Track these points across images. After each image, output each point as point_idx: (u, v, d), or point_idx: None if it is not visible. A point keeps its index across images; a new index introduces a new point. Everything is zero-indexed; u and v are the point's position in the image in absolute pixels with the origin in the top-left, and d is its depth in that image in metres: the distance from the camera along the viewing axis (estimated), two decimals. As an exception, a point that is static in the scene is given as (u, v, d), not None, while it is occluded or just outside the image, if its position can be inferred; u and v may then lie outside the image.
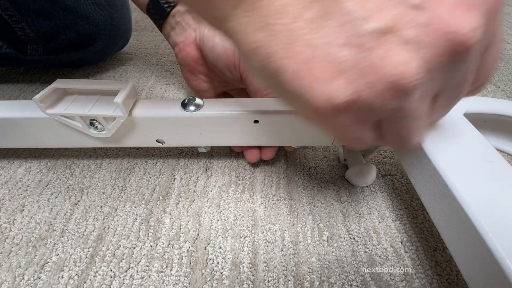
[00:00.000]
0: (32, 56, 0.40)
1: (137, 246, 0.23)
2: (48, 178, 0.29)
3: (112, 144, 0.26)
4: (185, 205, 0.26)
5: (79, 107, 0.23)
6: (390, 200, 0.27)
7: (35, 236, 0.24)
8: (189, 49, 0.31)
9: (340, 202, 0.27)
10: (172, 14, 0.31)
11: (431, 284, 0.21)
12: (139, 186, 0.28)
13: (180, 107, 0.24)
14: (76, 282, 0.21)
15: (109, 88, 0.22)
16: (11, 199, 0.27)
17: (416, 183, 0.22)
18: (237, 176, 0.29)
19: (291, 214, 0.26)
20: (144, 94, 0.40)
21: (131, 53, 0.52)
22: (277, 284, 0.21)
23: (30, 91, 0.41)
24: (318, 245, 0.23)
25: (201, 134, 0.25)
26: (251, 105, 0.24)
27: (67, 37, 0.38)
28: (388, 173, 0.29)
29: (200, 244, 0.23)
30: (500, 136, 0.26)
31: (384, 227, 0.25)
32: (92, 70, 0.47)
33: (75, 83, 0.23)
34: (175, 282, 0.21)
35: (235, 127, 0.24)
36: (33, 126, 0.25)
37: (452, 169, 0.18)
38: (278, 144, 0.26)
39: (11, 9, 0.35)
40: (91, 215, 0.25)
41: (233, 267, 0.22)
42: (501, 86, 0.43)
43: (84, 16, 0.37)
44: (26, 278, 0.21)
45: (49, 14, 0.36)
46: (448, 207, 0.18)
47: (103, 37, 0.40)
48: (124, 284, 0.21)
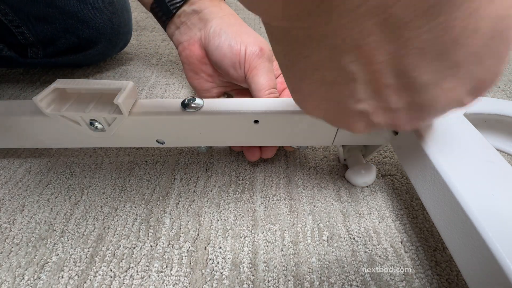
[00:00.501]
0: (32, 59, 0.40)
1: (137, 246, 0.23)
2: (48, 178, 0.29)
3: (112, 144, 0.26)
4: (185, 205, 0.26)
5: (79, 107, 0.23)
6: (390, 200, 0.27)
7: (35, 236, 0.24)
8: (193, 48, 0.31)
9: (340, 202, 0.27)
10: (178, 14, 0.31)
11: (431, 284, 0.21)
12: (139, 186, 0.28)
13: (180, 107, 0.24)
14: (76, 282, 0.21)
15: (109, 88, 0.22)
16: (11, 199, 0.27)
17: (416, 183, 0.22)
18: (237, 176, 0.29)
19: (291, 214, 0.26)
20: (144, 94, 0.40)
21: (131, 53, 0.52)
22: (277, 284, 0.21)
23: (30, 91, 0.41)
24: (318, 245, 0.23)
25: (201, 134, 0.25)
26: (251, 105, 0.24)
27: (67, 41, 0.39)
28: (388, 173, 0.29)
29: (200, 244, 0.23)
30: (500, 136, 0.26)
31: (384, 227, 0.25)
32: (92, 70, 0.46)
33: (75, 83, 0.23)
34: (175, 282, 0.21)
35: (235, 127, 0.24)
36: (33, 126, 0.25)
37: (452, 169, 0.18)
38: (278, 144, 0.26)
39: (11, 14, 0.35)
40: (91, 215, 0.25)
41: (233, 267, 0.22)
42: (501, 86, 0.43)
43: (84, 21, 0.38)
44: (26, 278, 0.21)
45: (49, 19, 0.36)
46: (448, 207, 0.18)
47: (103, 40, 0.40)
48: (124, 284, 0.21)
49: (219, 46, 0.29)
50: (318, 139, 0.26)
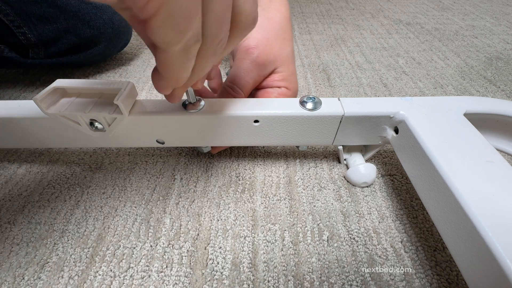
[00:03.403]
0: (34, 60, 0.40)
1: (137, 246, 0.23)
2: (48, 178, 0.29)
3: (112, 144, 0.26)
4: (185, 205, 0.26)
5: (79, 107, 0.23)
6: (390, 200, 0.27)
7: (35, 236, 0.24)
8: None
9: (340, 202, 0.27)
10: None
11: (431, 284, 0.21)
12: (139, 186, 0.28)
13: (180, 107, 0.24)
14: (76, 282, 0.21)
15: (109, 88, 0.22)
16: (11, 199, 0.27)
17: (416, 183, 0.22)
18: (237, 176, 0.29)
19: (291, 214, 0.26)
20: (144, 94, 0.40)
21: (131, 53, 0.52)
22: (277, 284, 0.21)
23: (30, 91, 0.41)
24: (318, 245, 0.23)
25: (201, 134, 0.25)
26: (251, 105, 0.24)
27: (69, 41, 0.39)
28: (388, 173, 0.29)
29: (200, 244, 0.23)
30: (500, 136, 0.26)
31: (384, 227, 0.25)
32: (92, 70, 0.46)
33: (75, 83, 0.23)
34: (175, 282, 0.21)
35: (235, 127, 0.24)
36: (33, 126, 0.25)
37: (452, 169, 0.18)
38: (278, 144, 0.26)
39: (12, 14, 0.35)
40: (91, 215, 0.25)
41: (233, 267, 0.22)
42: (501, 86, 0.43)
43: (85, 21, 0.38)
44: (26, 278, 0.21)
45: (50, 19, 0.37)
46: (448, 207, 0.18)
47: (104, 40, 0.40)
48: (124, 284, 0.21)
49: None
50: (318, 139, 0.26)
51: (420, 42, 0.56)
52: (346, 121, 0.24)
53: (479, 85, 0.43)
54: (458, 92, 0.42)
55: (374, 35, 0.59)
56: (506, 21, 0.66)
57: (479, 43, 0.56)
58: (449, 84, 0.44)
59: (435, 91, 0.42)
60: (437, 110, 0.24)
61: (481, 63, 0.49)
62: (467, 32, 0.60)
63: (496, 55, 0.52)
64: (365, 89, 0.42)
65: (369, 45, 0.55)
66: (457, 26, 0.63)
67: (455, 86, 0.43)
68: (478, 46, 0.55)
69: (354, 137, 0.26)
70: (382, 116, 0.24)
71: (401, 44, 0.56)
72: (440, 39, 0.58)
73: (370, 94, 0.42)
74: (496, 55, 0.52)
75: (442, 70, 0.47)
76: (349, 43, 0.56)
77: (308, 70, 0.47)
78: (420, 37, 0.59)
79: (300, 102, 0.24)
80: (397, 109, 0.24)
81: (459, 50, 0.53)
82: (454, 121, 0.22)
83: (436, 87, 0.43)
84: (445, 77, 0.45)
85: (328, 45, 0.55)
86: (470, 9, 0.73)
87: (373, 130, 0.25)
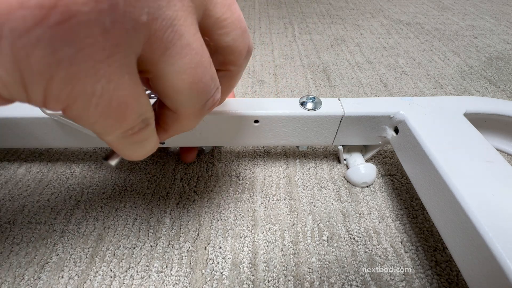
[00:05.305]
0: None
1: (137, 246, 0.23)
2: (48, 178, 0.29)
3: (112, 144, 0.26)
4: (185, 205, 0.26)
5: (79, 107, 0.23)
6: (390, 200, 0.27)
7: (35, 236, 0.24)
8: None
9: (340, 202, 0.27)
10: None
11: (431, 284, 0.21)
12: (139, 186, 0.28)
13: None
14: (76, 282, 0.21)
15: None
16: (11, 199, 0.27)
17: (416, 183, 0.22)
18: (237, 176, 0.29)
19: (291, 214, 0.26)
20: (144, 94, 0.40)
21: (131, 53, 0.51)
22: (277, 284, 0.21)
23: (30, 91, 0.41)
24: (318, 245, 0.23)
25: (201, 134, 0.25)
26: (251, 105, 0.24)
27: None
28: (388, 173, 0.29)
29: (200, 244, 0.23)
30: (500, 136, 0.26)
31: (384, 227, 0.25)
32: (92, 70, 0.46)
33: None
34: (175, 282, 0.21)
35: (235, 127, 0.24)
36: (33, 126, 0.25)
37: (452, 169, 0.18)
38: (278, 144, 0.26)
39: None
40: (91, 215, 0.25)
41: (233, 267, 0.22)
42: (501, 86, 0.43)
43: None
44: (26, 278, 0.21)
45: None
46: (448, 207, 0.18)
47: None
48: (124, 284, 0.21)
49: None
50: (318, 139, 0.26)
51: (420, 42, 0.56)
52: (346, 121, 0.24)
53: (479, 85, 0.43)
54: (458, 92, 0.42)
55: (374, 35, 0.59)
56: (506, 21, 0.66)
57: (479, 43, 0.56)
58: (449, 84, 0.44)
59: (435, 91, 0.42)
60: (437, 110, 0.24)
61: (481, 63, 0.49)
62: (467, 32, 0.60)
63: (496, 55, 0.52)
64: (365, 89, 0.42)
65: (369, 45, 0.55)
66: (457, 26, 0.63)
67: (455, 86, 0.43)
68: (478, 46, 0.55)
69: (354, 137, 0.26)
70: (382, 116, 0.24)
71: (401, 44, 0.56)
72: (440, 39, 0.58)
73: (370, 94, 0.42)
74: (496, 55, 0.52)
75: (442, 70, 0.47)
76: (349, 43, 0.56)
77: (308, 70, 0.47)
78: (420, 37, 0.59)
79: (300, 102, 0.24)
80: (397, 109, 0.24)
81: (459, 50, 0.53)
82: (454, 121, 0.22)
83: (436, 87, 0.43)
84: (445, 77, 0.45)
85: (328, 45, 0.55)
86: (470, 9, 0.73)
87: (373, 130, 0.25)
